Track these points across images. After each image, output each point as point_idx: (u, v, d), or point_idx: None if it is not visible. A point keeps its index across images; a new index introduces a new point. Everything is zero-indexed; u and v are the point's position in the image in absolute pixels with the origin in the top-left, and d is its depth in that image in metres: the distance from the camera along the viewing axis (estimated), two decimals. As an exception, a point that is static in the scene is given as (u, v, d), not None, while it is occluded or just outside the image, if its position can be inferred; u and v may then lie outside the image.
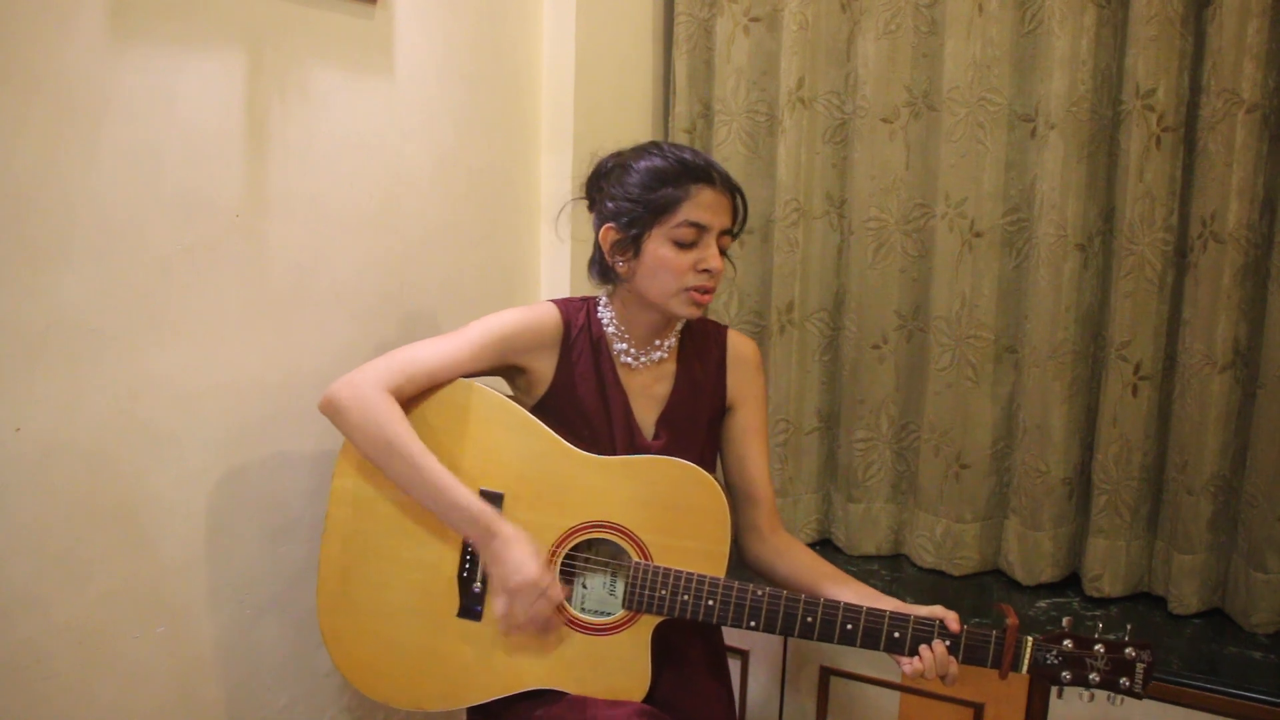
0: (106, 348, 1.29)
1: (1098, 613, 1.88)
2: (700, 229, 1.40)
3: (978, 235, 1.95)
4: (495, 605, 1.36)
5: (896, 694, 1.80)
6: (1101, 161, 1.86)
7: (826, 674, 1.85)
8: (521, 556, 1.33)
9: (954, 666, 1.34)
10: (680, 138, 2.19)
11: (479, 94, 1.88)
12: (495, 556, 1.34)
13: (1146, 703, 1.61)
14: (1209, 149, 1.74)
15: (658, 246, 1.41)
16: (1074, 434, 1.93)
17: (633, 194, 1.42)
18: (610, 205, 1.45)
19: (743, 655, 1.93)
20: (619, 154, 1.48)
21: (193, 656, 1.46)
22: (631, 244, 1.43)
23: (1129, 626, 1.36)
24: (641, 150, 1.46)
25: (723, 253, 1.44)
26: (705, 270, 1.41)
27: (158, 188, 1.32)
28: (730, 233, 1.45)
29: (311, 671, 1.62)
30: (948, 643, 1.34)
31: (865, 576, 2.03)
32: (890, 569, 2.10)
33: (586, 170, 1.52)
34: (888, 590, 1.95)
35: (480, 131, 1.89)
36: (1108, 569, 1.91)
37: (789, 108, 2.04)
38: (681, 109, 2.19)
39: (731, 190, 1.45)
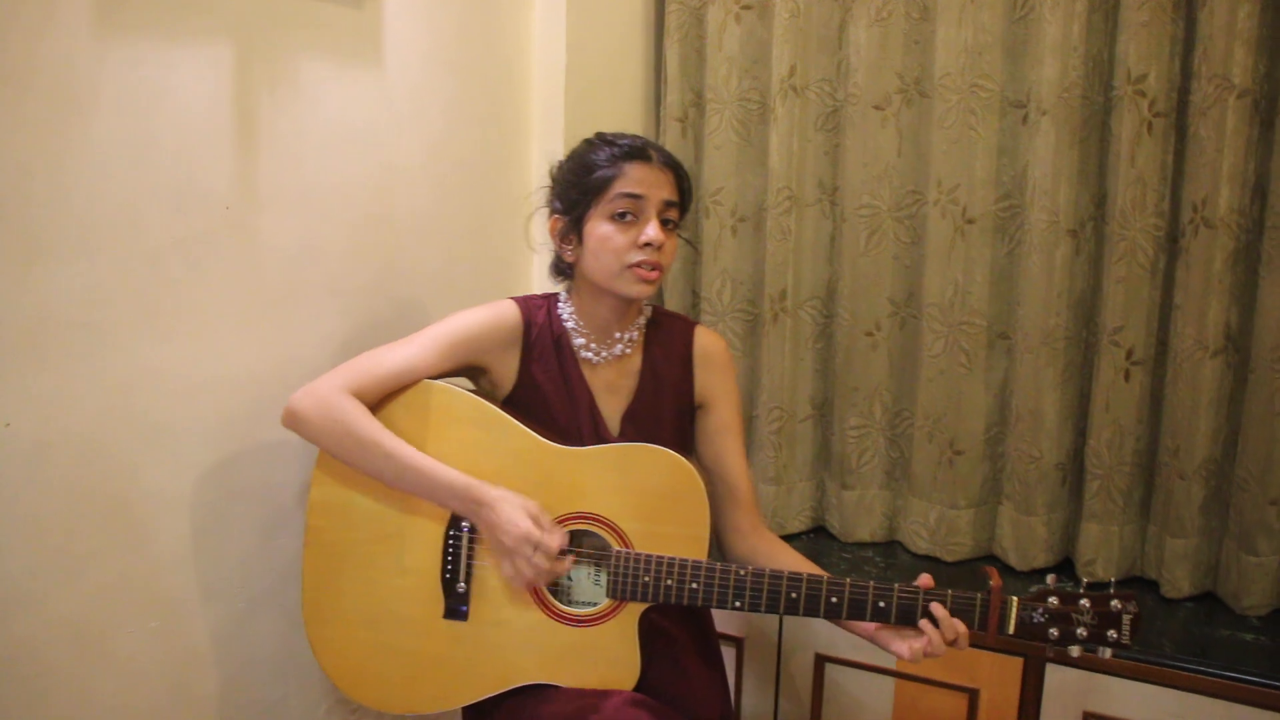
0: (99, 341, 1.28)
1: (1091, 597, 1.89)
2: (635, 199, 1.41)
3: (970, 222, 1.95)
4: (501, 569, 1.38)
5: (891, 680, 1.80)
6: (1093, 148, 1.86)
7: (821, 661, 1.86)
8: (509, 514, 1.33)
9: (961, 626, 1.32)
10: (672, 126, 2.19)
11: (469, 84, 1.87)
12: (486, 523, 1.36)
13: (1139, 685, 1.63)
14: (1200, 135, 1.74)
15: (596, 225, 1.43)
16: (1067, 420, 1.94)
17: (570, 180, 1.47)
18: (556, 201, 1.50)
19: (737, 642, 1.93)
20: (568, 154, 1.52)
21: (188, 650, 1.46)
22: (573, 228, 1.46)
23: (1111, 579, 1.35)
24: (583, 142, 1.50)
25: (672, 227, 1.45)
26: (646, 244, 1.41)
27: (148, 181, 1.31)
28: (674, 205, 1.46)
29: (306, 665, 1.62)
30: (948, 606, 1.33)
31: (860, 563, 2.05)
32: (884, 556, 2.10)
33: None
34: (882, 577, 1.98)
35: (471, 121, 1.88)
36: (1101, 553, 1.91)
37: (781, 96, 2.04)
38: (673, 98, 2.18)
39: (671, 166, 1.46)
